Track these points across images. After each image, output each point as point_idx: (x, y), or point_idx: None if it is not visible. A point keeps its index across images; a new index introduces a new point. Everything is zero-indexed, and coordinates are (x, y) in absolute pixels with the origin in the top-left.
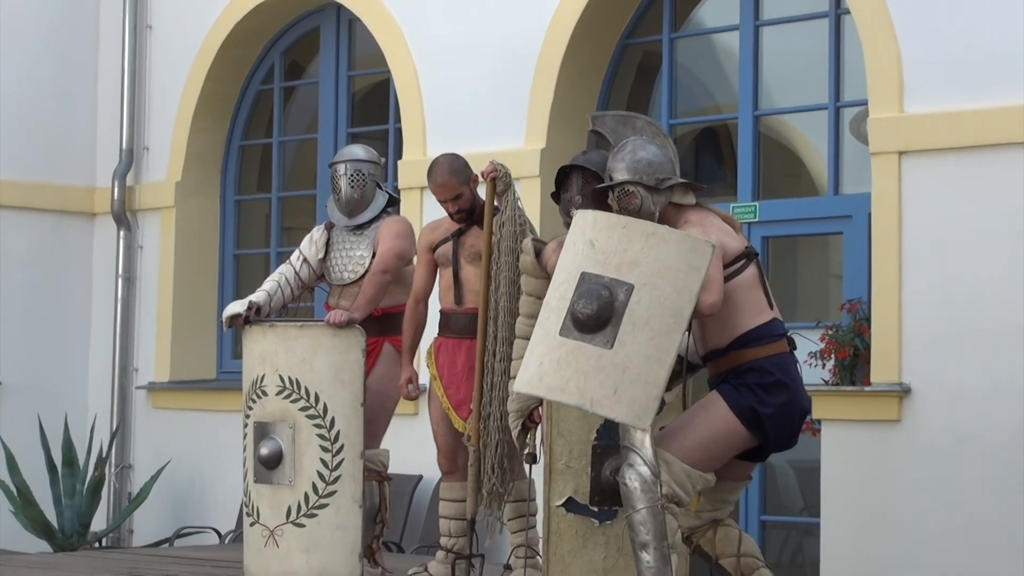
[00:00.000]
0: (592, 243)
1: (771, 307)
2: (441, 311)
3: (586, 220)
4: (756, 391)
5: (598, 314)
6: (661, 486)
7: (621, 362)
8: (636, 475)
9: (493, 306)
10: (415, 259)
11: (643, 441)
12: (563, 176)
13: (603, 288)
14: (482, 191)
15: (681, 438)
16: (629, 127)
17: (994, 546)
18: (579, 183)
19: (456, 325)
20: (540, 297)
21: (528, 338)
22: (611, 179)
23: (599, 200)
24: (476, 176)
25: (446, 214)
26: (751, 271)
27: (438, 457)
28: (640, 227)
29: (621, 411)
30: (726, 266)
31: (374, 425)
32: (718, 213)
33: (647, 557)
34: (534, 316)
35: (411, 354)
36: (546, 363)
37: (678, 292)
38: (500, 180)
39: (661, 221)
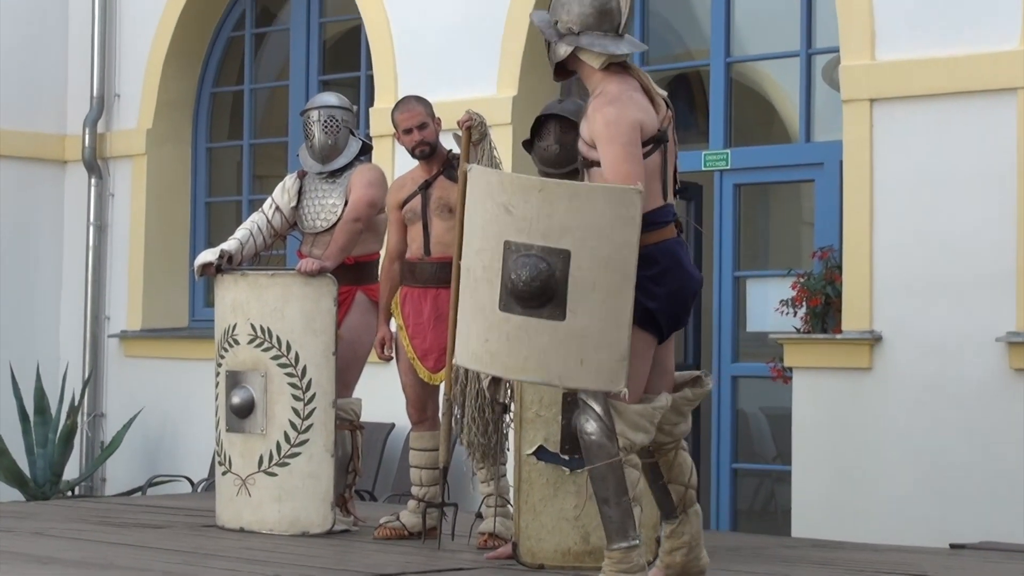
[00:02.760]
0: (507, 208)
1: (664, 197)
2: (407, 260)
3: (491, 182)
4: (643, 284)
5: (542, 289)
6: (618, 440)
7: (579, 331)
8: (592, 429)
9: None
10: (387, 208)
11: (595, 393)
12: (539, 125)
13: (540, 260)
14: (448, 142)
15: None
16: None
17: (963, 494)
18: (556, 132)
19: (422, 274)
20: None
21: None
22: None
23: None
24: (439, 119)
25: (410, 169)
26: (654, 159)
27: (407, 407)
28: (558, 189)
29: (591, 379)
30: None
31: (346, 374)
32: (640, 78)
33: (609, 512)
34: None
35: (387, 313)
36: (493, 340)
37: (618, 247)
38: (476, 129)
39: (581, 80)
